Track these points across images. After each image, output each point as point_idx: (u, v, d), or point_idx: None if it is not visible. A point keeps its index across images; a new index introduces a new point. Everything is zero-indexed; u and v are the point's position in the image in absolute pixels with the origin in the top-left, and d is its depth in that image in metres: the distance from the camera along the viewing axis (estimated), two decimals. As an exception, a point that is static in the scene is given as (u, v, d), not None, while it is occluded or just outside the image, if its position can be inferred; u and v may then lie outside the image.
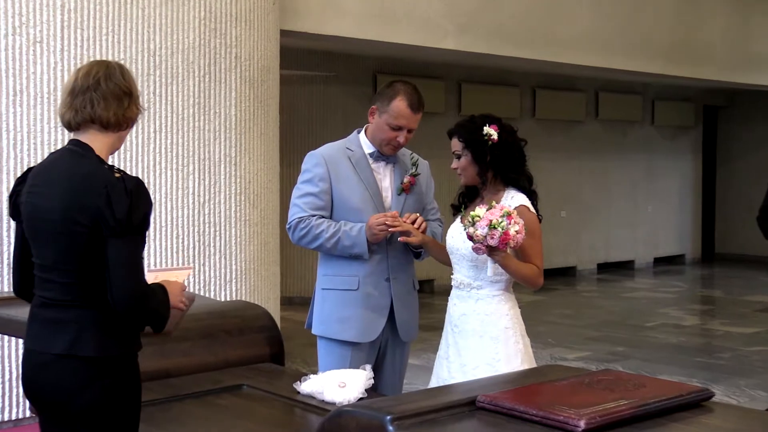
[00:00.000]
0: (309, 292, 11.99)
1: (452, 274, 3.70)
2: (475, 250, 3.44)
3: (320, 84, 10.86)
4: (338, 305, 3.80)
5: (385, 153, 3.83)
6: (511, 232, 3.34)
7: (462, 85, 12.12)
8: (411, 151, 4.00)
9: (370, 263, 3.76)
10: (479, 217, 3.37)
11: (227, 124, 5.90)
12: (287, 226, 3.82)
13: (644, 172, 14.80)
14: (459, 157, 3.65)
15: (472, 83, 12.20)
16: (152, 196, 5.58)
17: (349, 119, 10.60)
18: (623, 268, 14.47)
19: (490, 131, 3.60)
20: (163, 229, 5.63)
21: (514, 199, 3.59)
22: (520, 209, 3.54)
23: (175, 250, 5.66)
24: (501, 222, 3.34)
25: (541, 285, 3.65)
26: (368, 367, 3.27)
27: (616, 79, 13.38)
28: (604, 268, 14.20)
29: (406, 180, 3.87)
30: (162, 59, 5.61)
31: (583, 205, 13.90)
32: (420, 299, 4.04)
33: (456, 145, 3.66)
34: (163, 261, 5.62)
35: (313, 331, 3.89)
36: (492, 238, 3.34)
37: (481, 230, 3.35)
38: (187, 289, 2.81)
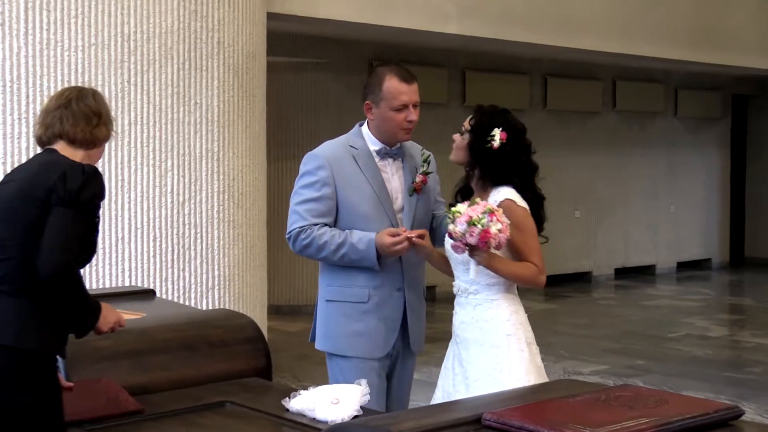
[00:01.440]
0: (299, 299, 11.94)
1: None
2: (454, 248, 3.50)
3: (311, 72, 10.86)
4: (347, 319, 3.78)
5: (402, 140, 3.83)
6: (492, 230, 3.38)
7: (466, 73, 12.12)
8: (421, 146, 4.00)
9: (381, 272, 3.75)
10: (459, 213, 3.43)
11: (209, 115, 5.90)
12: (287, 236, 3.77)
13: (666, 168, 14.81)
14: (462, 134, 3.73)
15: (478, 71, 12.20)
16: (126, 195, 5.62)
17: (342, 110, 10.60)
18: (643, 273, 14.48)
19: (497, 136, 3.64)
20: (139, 231, 5.62)
21: (500, 193, 3.63)
22: (506, 204, 3.58)
23: (151, 254, 5.66)
24: (482, 219, 3.38)
25: (544, 283, 3.67)
26: (364, 381, 3.27)
27: (636, 66, 13.39)
28: (623, 273, 14.21)
29: (418, 179, 3.85)
30: (137, 44, 5.61)
31: (599, 205, 13.90)
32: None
33: (466, 123, 3.74)
34: (138, 266, 5.62)
35: (317, 346, 3.89)
36: (471, 235, 3.39)
37: (460, 227, 3.41)
38: (121, 324, 3.09)
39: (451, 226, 3.45)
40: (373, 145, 3.84)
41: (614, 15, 10.81)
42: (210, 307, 5.83)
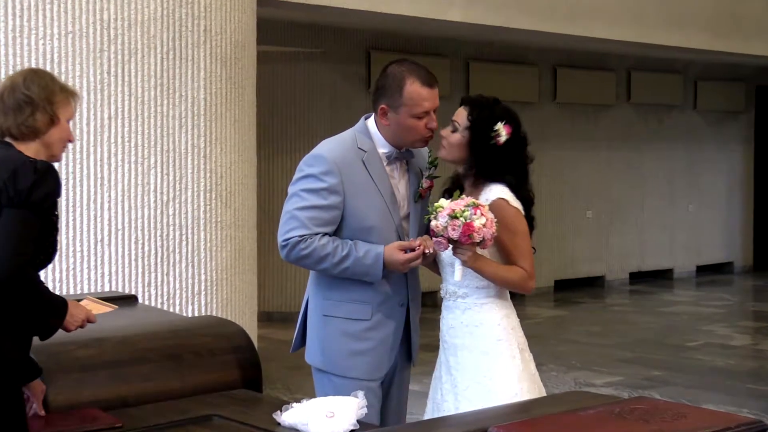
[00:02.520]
0: (291, 306, 11.93)
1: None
2: (437, 244, 3.51)
3: (305, 62, 10.86)
4: (347, 338, 3.74)
5: (419, 147, 3.79)
6: (476, 224, 3.40)
7: (470, 64, 12.13)
8: (430, 149, 3.91)
9: (385, 287, 3.72)
10: (442, 207, 3.46)
11: (195, 109, 5.90)
12: (282, 242, 3.65)
13: (685, 164, 14.82)
14: (456, 130, 3.70)
15: (482, 62, 12.21)
16: (106, 194, 5.62)
17: (338, 103, 10.61)
18: (660, 277, 14.48)
19: (501, 131, 3.64)
20: (120, 232, 5.62)
21: (492, 191, 3.64)
22: (498, 203, 3.59)
23: (133, 257, 5.66)
24: (464, 212, 3.40)
25: (532, 289, 3.68)
26: (360, 393, 3.27)
27: (652, 55, 13.39)
28: (638, 277, 14.21)
29: (425, 184, 3.80)
30: (117, 32, 5.61)
31: (613, 204, 13.91)
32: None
33: (462, 117, 3.70)
34: (119, 270, 5.62)
35: (310, 361, 3.83)
36: (453, 229, 3.41)
37: (441, 220, 3.43)
38: (91, 320, 3.10)
39: (433, 222, 3.47)
40: (382, 147, 3.76)
41: (629, 0, 10.81)
42: (196, 314, 5.83)
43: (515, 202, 3.64)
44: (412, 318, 3.82)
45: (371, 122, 3.79)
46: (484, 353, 3.60)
